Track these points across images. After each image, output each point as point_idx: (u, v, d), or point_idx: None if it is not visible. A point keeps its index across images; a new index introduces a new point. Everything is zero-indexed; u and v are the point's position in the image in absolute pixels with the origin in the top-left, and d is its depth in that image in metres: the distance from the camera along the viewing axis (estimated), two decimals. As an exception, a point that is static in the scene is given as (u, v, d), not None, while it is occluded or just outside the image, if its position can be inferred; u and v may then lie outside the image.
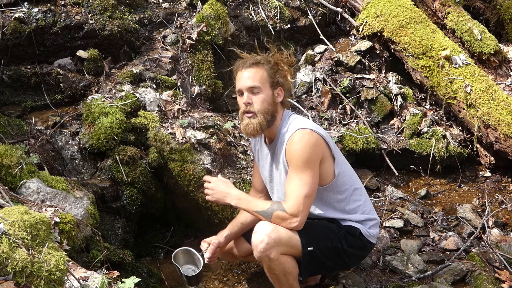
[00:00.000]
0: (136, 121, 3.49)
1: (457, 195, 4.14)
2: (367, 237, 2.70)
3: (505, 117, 3.98)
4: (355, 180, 2.77)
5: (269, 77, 2.57)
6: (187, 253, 2.76)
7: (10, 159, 2.69)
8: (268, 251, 2.43)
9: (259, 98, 2.55)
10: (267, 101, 2.56)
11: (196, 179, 3.40)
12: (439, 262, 3.26)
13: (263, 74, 2.56)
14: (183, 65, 4.05)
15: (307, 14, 4.87)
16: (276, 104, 2.60)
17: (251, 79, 2.56)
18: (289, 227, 2.47)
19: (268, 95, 2.57)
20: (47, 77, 3.69)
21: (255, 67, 2.57)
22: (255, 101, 2.55)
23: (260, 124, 2.56)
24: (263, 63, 2.58)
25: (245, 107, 2.57)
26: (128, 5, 4.13)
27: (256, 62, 2.58)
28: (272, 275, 2.55)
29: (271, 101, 2.58)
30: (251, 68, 2.57)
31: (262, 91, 2.55)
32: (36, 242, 1.88)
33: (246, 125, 2.58)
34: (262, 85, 2.55)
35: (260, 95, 2.55)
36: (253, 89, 2.55)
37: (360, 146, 4.15)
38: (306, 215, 2.49)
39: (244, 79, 2.57)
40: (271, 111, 2.57)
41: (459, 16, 4.73)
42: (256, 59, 2.60)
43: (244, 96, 2.57)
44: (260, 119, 2.55)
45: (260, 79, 2.56)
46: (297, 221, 2.46)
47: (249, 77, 2.56)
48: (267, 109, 2.56)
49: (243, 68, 2.59)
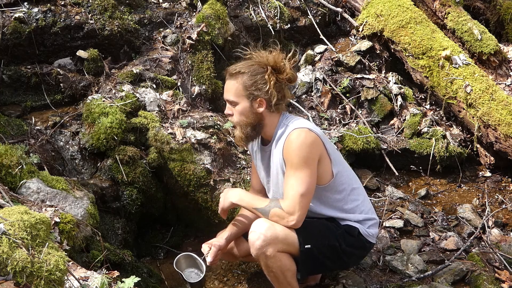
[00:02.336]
0: (136, 121, 3.49)
1: (457, 195, 4.14)
2: (366, 237, 2.70)
3: (505, 117, 3.98)
4: (353, 180, 2.76)
5: (245, 89, 2.51)
6: (188, 258, 2.76)
7: (10, 159, 2.69)
8: (265, 248, 2.44)
9: (236, 111, 2.56)
10: (244, 114, 2.54)
11: (196, 179, 3.40)
12: (439, 262, 3.26)
13: (238, 87, 2.52)
14: (183, 65, 4.05)
15: (307, 14, 4.87)
16: (257, 114, 2.55)
17: (227, 92, 2.57)
18: (286, 225, 2.48)
19: (245, 108, 2.54)
20: (47, 77, 3.69)
21: (233, 79, 2.54)
22: (234, 113, 2.57)
23: (240, 136, 2.59)
24: (243, 72, 2.52)
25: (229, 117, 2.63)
26: (128, 5, 4.13)
27: (235, 72, 2.53)
28: (270, 273, 2.55)
29: (249, 113, 2.54)
30: (228, 80, 2.57)
31: (238, 104, 2.55)
32: (36, 242, 1.88)
33: (234, 136, 2.67)
34: (236, 98, 2.53)
35: (237, 108, 2.55)
36: (230, 102, 2.57)
37: (360, 146, 4.15)
38: (303, 214, 2.49)
39: (225, 90, 2.60)
40: (249, 122, 2.56)
41: (459, 16, 4.73)
42: (236, 68, 2.54)
43: (226, 107, 2.62)
44: (238, 131, 2.58)
45: (234, 93, 2.53)
46: (294, 219, 2.46)
47: (226, 90, 2.58)
48: (244, 121, 2.55)
49: (226, 77, 2.59)
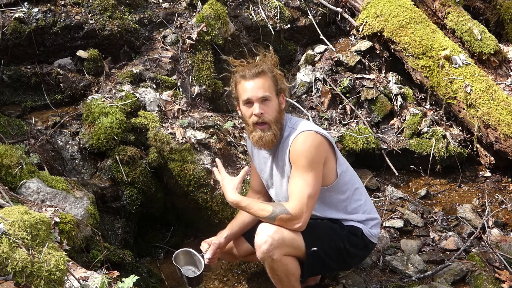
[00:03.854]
0: (136, 121, 3.49)
1: (457, 195, 4.14)
2: (369, 237, 2.71)
3: (505, 117, 3.98)
4: (355, 180, 2.77)
5: (275, 85, 2.56)
6: (187, 254, 2.77)
7: (10, 159, 2.69)
8: (271, 252, 2.43)
9: (270, 108, 2.52)
10: (277, 110, 2.55)
11: (196, 179, 3.40)
12: (439, 262, 3.26)
13: (270, 84, 2.54)
14: (183, 65, 4.05)
15: (307, 14, 4.87)
16: (282, 111, 2.59)
17: (261, 89, 2.51)
18: (292, 228, 2.47)
19: (276, 104, 2.55)
20: (47, 77, 3.69)
21: (262, 77, 2.53)
22: (267, 111, 2.52)
23: (274, 135, 2.54)
24: (267, 71, 2.55)
25: (258, 119, 2.52)
26: (128, 5, 4.13)
27: (262, 71, 2.53)
28: (275, 276, 2.55)
29: (279, 109, 2.57)
30: (258, 78, 2.53)
31: (272, 100, 2.53)
32: (36, 242, 1.88)
33: (260, 138, 2.53)
34: (271, 94, 2.53)
35: (271, 104, 2.53)
36: (265, 99, 2.52)
37: (360, 146, 4.15)
38: (309, 216, 2.49)
39: (254, 89, 2.52)
40: (280, 119, 2.57)
41: (459, 16, 4.73)
42: (260, 68, 2.55)
43: (256, 107, 2.51)
44: (273, 129, 2.53)
45: (269, 88, 2.53)
46: (300, 222, 2.46)
47: (259, 87, 2.52)
48: (278, 117, 2.55)
49: (248, 78, 2.53)
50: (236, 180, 2.56)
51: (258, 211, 2.50)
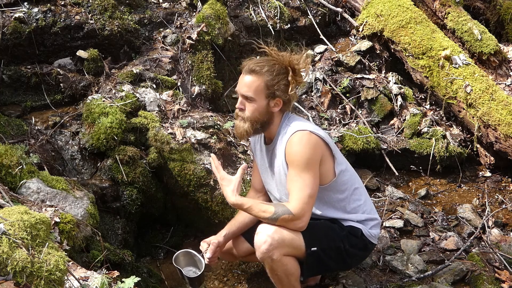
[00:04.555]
0: (136, 121, 3.49)
1: (457, 195, 4.14)
2: (369, 238, 2.71)
3: (505, 117, 3.98)
4: (355, 180, 2.77)
5: (266, 88, 2.52)
6: (187, 255, 2.76)
7: (10, 159, 2.69)
8: (271, 252, 2.43)
9: (250, 107, 2.54)
10: (259, 111, 2.54)
11: (196, 179, 3.40)
12: (439, 262, 3.26)
13: (260, 85, 2.52)
14: (183, 65, 4.05)
15: (307, 14, 4.87)
16: (270, 113, 2.58)
17: (246, 88, 2.53)
18: (294, 228, 2.47)
19: (261, 106, 2.54)
20: (47, 77, 3.69)
21: (254, 75, 2.52)
22: (247, 108, 2.55)
23: (246, 131, 2.57)
24: (263, 72, 2.52)
25: (238, 110, 2.60)
26: (128, 5, 4.13)
27: (259, 69, 2.52)
28: (274, 276, 2.55)
29: (264, 111, 2.55)
30: (250, 75, 2.53)
31: (255, 101, 2.53)
32: (36, 242, 1.88)
33: (236, 126, 2.62)
34: (256, 96, 2.52)
35: (253, 104, 2.54)
36: (247, 97, 2.54)
37: (360, 146, 4.15)
38: (309, 216, 2.50)
39: (241, 84, 2.56)
40: (262, 120, 2.56)
41: (459, 16, 4.73)
42: (258, 65, 2.54)
43: (238, 100, 2.59)
44: (247, 126, 2.55)
45: (255, 90, 2.52)
46: (302, 222, 2.46)
47: (246, 85, 2.54)
48: (257, 118, 2.55)
49: (244, 71, 2.56)
50: (235, 180, 2.55)
51: (260, 212, 2.50)
